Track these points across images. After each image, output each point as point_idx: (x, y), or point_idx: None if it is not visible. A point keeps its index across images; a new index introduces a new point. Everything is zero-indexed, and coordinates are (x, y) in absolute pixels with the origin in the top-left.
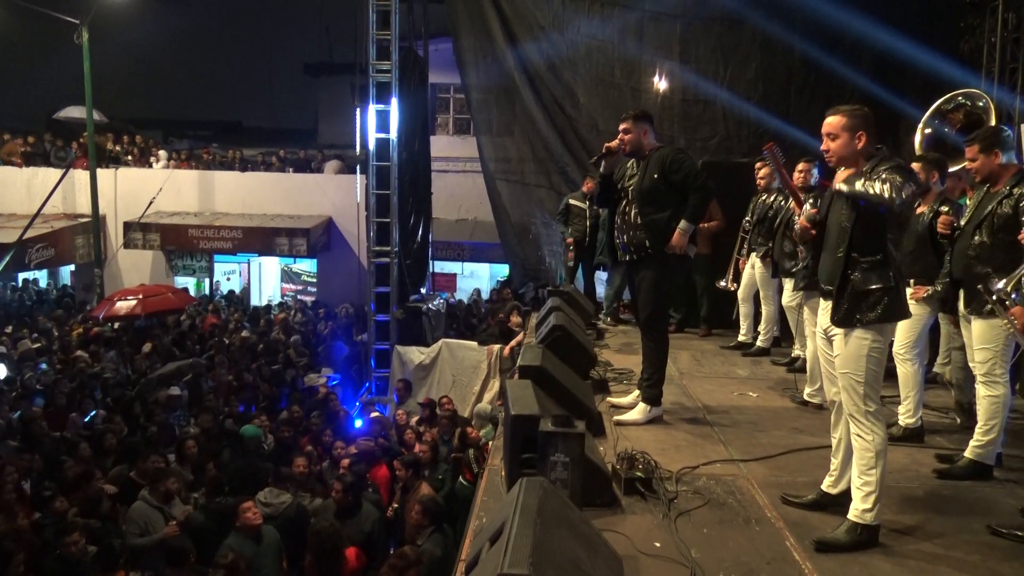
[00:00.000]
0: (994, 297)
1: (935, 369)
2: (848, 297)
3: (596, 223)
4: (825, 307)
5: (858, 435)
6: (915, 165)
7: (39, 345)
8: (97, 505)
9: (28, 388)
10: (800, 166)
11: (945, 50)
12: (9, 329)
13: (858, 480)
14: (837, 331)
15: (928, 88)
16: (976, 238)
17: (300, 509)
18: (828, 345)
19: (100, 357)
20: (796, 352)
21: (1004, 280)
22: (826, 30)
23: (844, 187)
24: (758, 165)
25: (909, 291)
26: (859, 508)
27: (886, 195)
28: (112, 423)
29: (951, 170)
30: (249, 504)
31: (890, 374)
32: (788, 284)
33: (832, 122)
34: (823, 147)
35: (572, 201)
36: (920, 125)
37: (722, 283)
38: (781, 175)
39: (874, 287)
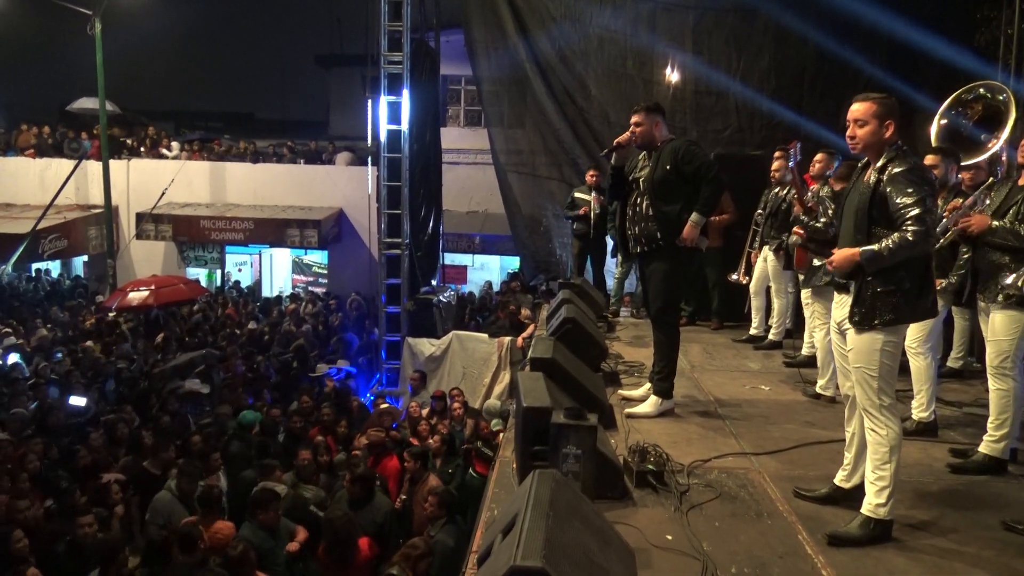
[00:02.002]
0: (1007, 292)
1: (948, 363)
2: (866, 298)
3: (603, 215)
4: (839, 301)
5: (872, 429)
6: (931, 157)
7: (52, 335)
8: (105, 494)
9: (43, 377)
10: (818, 156)
11: (960, 41)
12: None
13: (872, 475)
14: (851, 325)
15: (943, 80)
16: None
17: (296, 500)
18: (842, 339)
19: (115, 347)
20: (805, 351)
21: (1014, 276)
22: (840, 21)
23: (871, 266)
24: (777, 154)
25: None
26: (872, 503)
27: (913, 244)
28: (124, 413)
29: (965, 163)
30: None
31: (902, 368)
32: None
33: (861, 108)
34: (849, 134)
35: (577, 194)
36: (937, 116)
37: (734, 276)
38: (793, 175)
39: (891, 288)
